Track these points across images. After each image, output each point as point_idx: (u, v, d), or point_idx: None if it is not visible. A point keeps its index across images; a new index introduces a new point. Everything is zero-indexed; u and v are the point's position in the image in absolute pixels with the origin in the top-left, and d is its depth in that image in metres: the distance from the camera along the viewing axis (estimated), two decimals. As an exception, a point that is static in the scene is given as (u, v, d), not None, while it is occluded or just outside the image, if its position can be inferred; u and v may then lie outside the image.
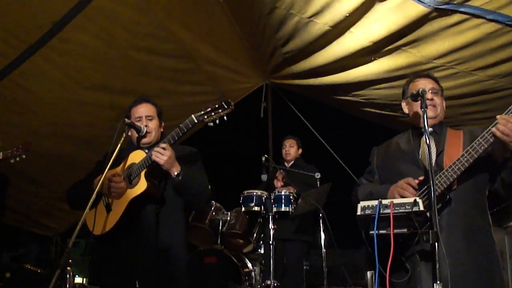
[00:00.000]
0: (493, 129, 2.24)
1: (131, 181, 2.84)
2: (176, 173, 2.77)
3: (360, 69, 4.98)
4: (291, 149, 5.48)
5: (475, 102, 5.06)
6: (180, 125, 2.74)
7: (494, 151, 2.38)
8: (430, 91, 2.60)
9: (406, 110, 2.79)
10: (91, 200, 2.55)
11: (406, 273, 2.27)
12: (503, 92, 4.75)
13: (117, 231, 2.79)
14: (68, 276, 4.52)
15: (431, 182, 2.13)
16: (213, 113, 2.65)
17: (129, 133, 3.00)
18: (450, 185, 2.35)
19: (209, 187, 3.13)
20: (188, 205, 3.03)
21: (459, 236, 2.35)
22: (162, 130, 3.13)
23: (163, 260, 2.79)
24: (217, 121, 2.67)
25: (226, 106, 2.65)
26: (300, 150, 5.56)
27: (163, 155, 2.71)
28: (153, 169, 2.83)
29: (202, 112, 2.67)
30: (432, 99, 2.58)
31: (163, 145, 2.73)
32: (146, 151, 2.91)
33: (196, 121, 2.69)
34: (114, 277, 2.79)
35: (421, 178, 2.42)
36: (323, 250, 4.68)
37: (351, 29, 4.39)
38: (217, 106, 2.66)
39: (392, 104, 5.43)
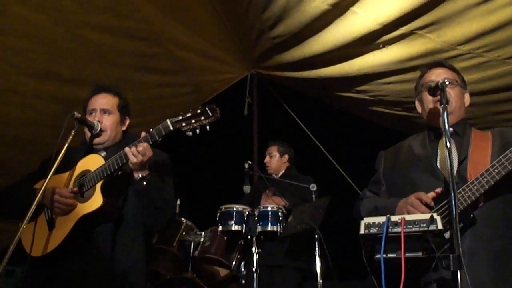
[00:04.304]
0: None
1: (83, 193, 2.80)
2: (140, 176, 2.71)
3: (366, 58, 4.98)
4: (271, 160, 5.46)
5: (509, 99, 5.09)
6: (151, 130, 2.68)
7: None
8: None
9: (419, 110, 2.80)
10: (29, 213, 2.49)
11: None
12: (544, 86, 4.77)
13: (61, 253, 2.74)
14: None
15: (453, 196, 2.13)
16: (193, 120, 2.60)
17: (84, 129, 2.97)
18: (475, 202, 2.35)
19: (177, 202, 3.09)
20: (146, 221, 2.96)
21: (484, 263, 2.35)
22: (125, 128, 3.09)
23: None
24: (198, 131, 2.62)
25: (210, 114, 2.60)
26: (286, 157, 5.51)
27: (141, 156, 2.64)
28: (112, 181, 2.79)
29: (180, 118, 2.62)
30: None
31: (143, 144, 2.65)
32: (103, 154, 2.86)
33: (171, 128, 2.63)
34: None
35: (438, 190, 2.42)
36: (319, 281, 4.65)
37: (355, 8, 4.37)
38: (199, 111, 2.61)
39: (405, 102, 5.44)
